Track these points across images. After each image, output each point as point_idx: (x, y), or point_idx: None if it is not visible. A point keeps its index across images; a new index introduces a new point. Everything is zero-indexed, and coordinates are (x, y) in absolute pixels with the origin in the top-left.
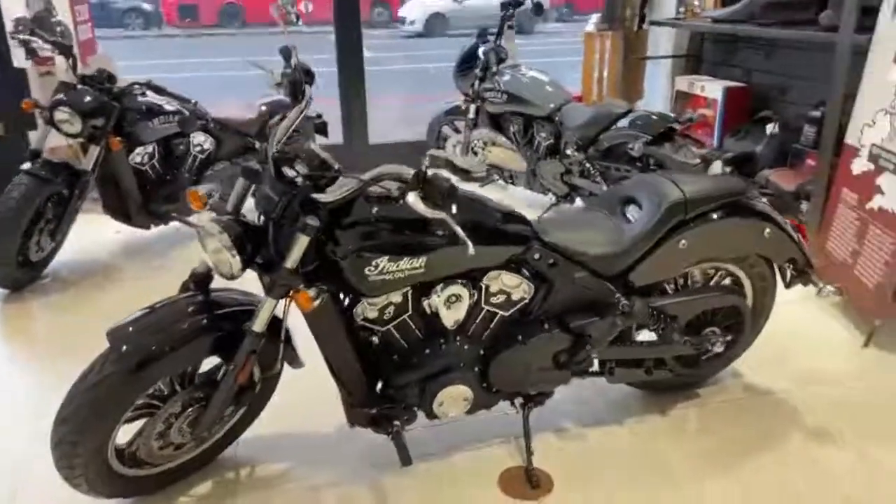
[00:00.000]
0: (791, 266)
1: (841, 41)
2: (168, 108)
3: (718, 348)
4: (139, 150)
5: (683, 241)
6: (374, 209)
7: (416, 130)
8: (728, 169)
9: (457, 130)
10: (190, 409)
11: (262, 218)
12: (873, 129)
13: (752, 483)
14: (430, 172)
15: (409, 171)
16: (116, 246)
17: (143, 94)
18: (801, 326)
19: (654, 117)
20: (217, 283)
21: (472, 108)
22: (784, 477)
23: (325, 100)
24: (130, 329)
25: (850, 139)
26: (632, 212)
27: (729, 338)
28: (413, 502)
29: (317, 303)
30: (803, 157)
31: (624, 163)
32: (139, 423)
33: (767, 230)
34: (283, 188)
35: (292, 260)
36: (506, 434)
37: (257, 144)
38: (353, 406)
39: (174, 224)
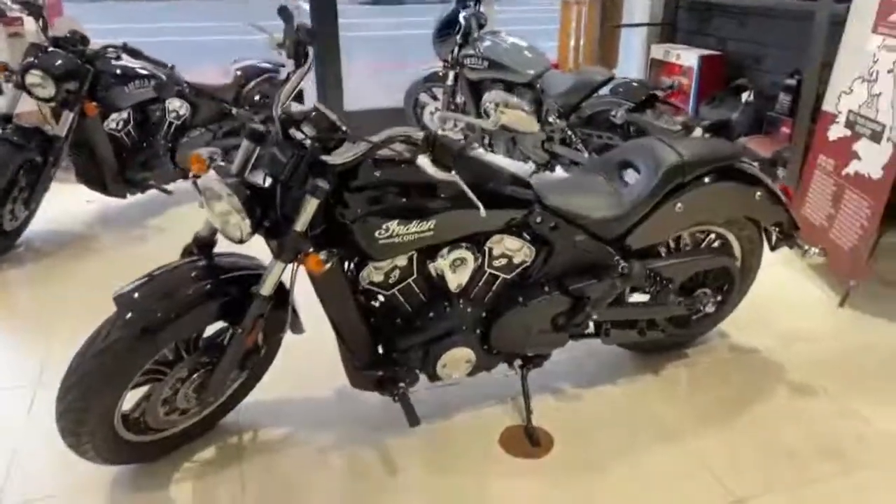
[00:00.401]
0: (777, 229)
1: (820, 10)
2: (143, 72)
3: (710, 308)
4: (114, 115)
5: (680, 205)
6: (384, 171)
7: (393, 97)
8: (707, 136)
9: (434, 97)
10: (196, 374)
11: (267, 181)
12: (850, 97)
13: (744, 436)
14: (439, 134)
15: (418, 133)
16: (90, 216)
17: (118, 58)
18: (779, 289)
19: (636, 85)
20: (220, 246)
21: (451, 74)
22: (774, 430)
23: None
24: (137, 294)
25: (827, 106)
26: (629, 176)
27: (719, 298)
28: (417, 462)
29: (327, 266)
30: (778, 125)
31: (605, 130)
32: (142, 390)
33: (758, 193)
34: (291, 150)
35: (302, 223)
36: (503, 395)
37: (234, 110)
38: (359, 369)
39: (151, 192)
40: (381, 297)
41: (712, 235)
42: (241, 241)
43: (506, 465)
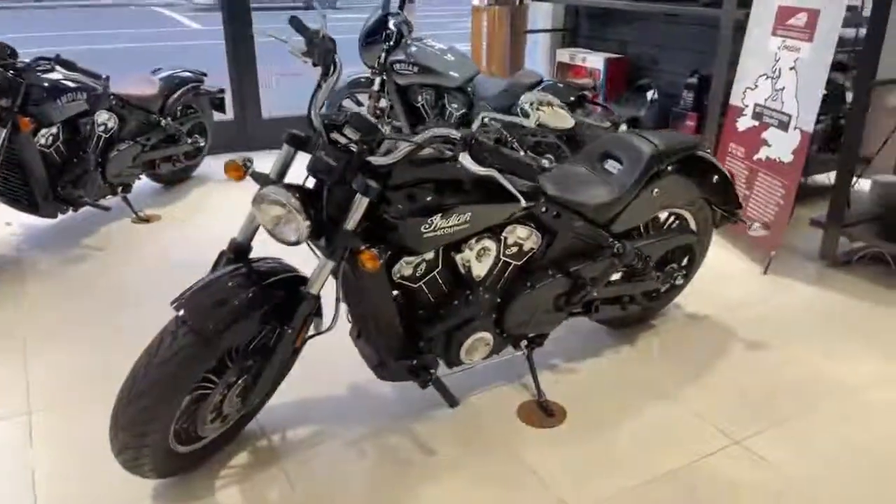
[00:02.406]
0: (723, 208)
1: (724, 15)
2: (75, 84)
3: (679, 281)
4: (43, 131)
5: (656, 190)
6: (427, 169)
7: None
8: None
9: (359, 103)
10: (241, 379)
11: (309, 184)
12: (756, 91)
13: (720, 388)
14: (476, 133)
15: (455, 132)
16: (16, 239)
17: (50, 70)
18: (712, 263)
19: (563, 86)
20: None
21: (378, 80)
22: (742, 380)
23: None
24: (196, 302)
25: (734, 101)
26: (610, 165)
27: (684, 272)
28: (449, 443)
29: (381, 262)
30: (684, 119)
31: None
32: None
33: (715, 177)
34: (338, 154)
35: (353, 222)
36: (509, 376)
37: (163, 121)
38: (395, 360)
39: (84, 210)
40: (408, 290)
41: (673, 216)
42: (296, 243)
43: (529, 436)
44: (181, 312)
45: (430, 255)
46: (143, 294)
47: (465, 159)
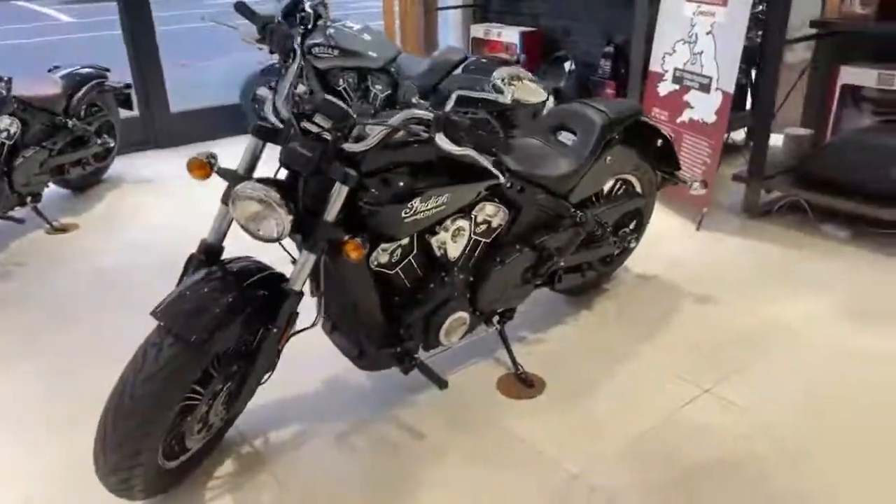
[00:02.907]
0: (665, 170)
1: None
2: None
3: (633, 244)
4: None
5: (609, 157)
6: (403, 152)
7: (218, 94)
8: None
9: (274, 90)
10: (226, 386)
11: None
12: (674, 56)
13: (680, 342)
14: (450, 113)
15: (428, 114)
16: None
17: None
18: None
19: (486, 62)
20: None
21: (295, 65)
22: (697, 333)
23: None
24: (178, 310)
25: (653, 67)
26: (564, 137)
27: (636, 235)
28: (437, 424)
29: (365, 251)
30: (603, 87)
31: (470, 106)
32: None
33: (660, 141)
34: (312, 143)
35: (333, 213)
36: (481, 352)
37: (70, 123)
38: (377, 349)
39: None
40: (385, 277)
41: (621, 181)
42: (276, 240)
43: (514, 409)
44: (163, 322)
45: (405, 241)
46: (79, 309)
47: (442, 140)
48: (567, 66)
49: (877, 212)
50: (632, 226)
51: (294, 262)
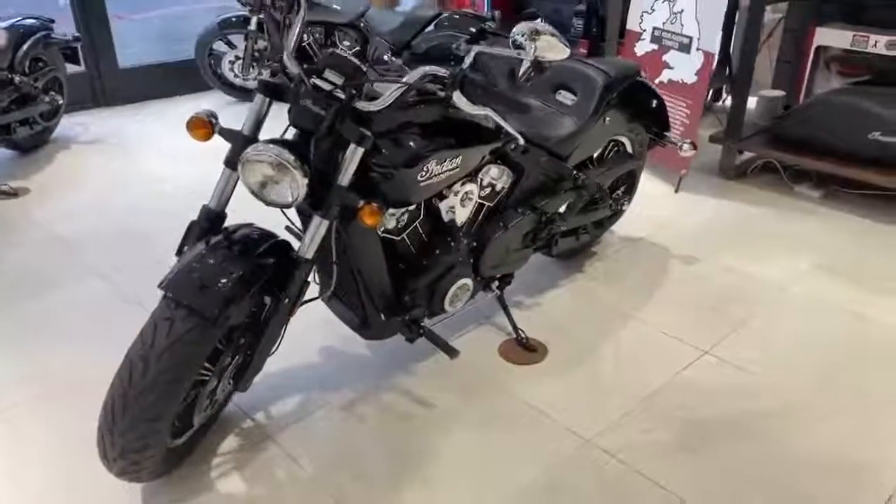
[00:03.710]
0: (656, 131)
1: None
2: None
3: (626, 206)
4: None
5: (608, 118)
6: (418, 112)
7: (173, 49)
8: None
9: (231, 45)
10: (234, 360)
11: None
12: (653, 15)
13: (673, 303)
14: (466, 70)
15: (443, 71)
16: None
17: None
18: None
19: (459, 17)
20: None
21: (255, 19)
22: (688, 293)
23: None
24: (188, 281)
25: (631, 26)
26: (563, 97)
27: (628, 197)
28: (443, 391)
29: (382, 217)
30: (576, 46)
31: (443, 63)
32: None
33: (654, 102)
34: (326, 101)
35: (348, 176)
36: (477, 318)
37: (15, 78)
38: (384, 318)
39: None
40: (391, 244)
41: (612, 143)
42: (289, 205)
43: (518, 374)
44: (174, 295)
45: (412, 206)
46: (44, 277)
47: (459, 98)
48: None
49: (849, 172)
50: (624, 188)
51: (291, 228)
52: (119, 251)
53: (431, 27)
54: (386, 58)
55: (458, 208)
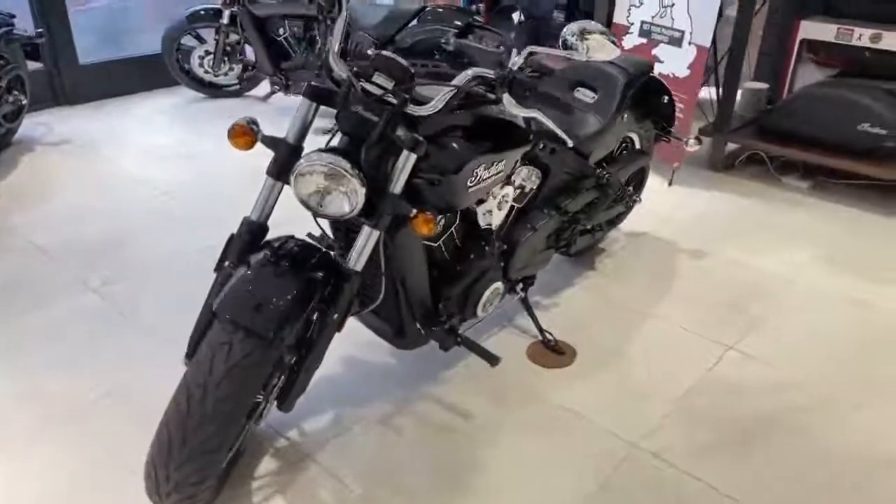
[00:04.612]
0: (664, 127)
1: None
2: None
3: (639, 202)
4: None
5: (626, 115)
6: (467, 116)
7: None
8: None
9: (200, 39)
10: (279, 379)
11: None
12: (640, 9)
13: (689, 298)
14: (516, 72)
15: (491, 72)
16: None
17: None
18: None
19: (442, 11)
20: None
21: (227, 12)
22: (702, 288)
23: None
24: (244, 302)
25: (618, 19)
26: (583, 94)
27: (638, 194)
28: (478, 399)
29: (437, 225)
30: (556, 40)
31: (429, 58)
32: None
33: (665, 97)
34: (378, 106)
35: (400, 184)
36: (499, 322)
37: None
38: (423, 327)
39: None
40: (427, 251)
41: (623, 140)
42: (345, 215)
43: (551, 378)
44: (232, 317)
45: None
46: (33, 291)
47: (509, 101)
48: (516, 16)
49: (838, 163)
50: (634, 184)
51: (321, 238)
52: (107, 261)
53: (415, 21)
54: (370, 52)
55: (496, 212)
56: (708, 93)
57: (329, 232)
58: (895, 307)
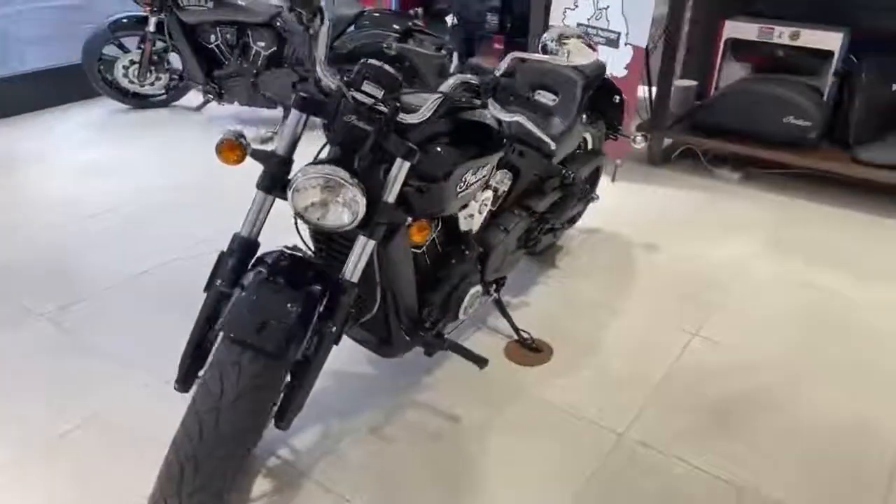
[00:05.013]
0: (613, 126)
1: None
2: None
3: (597, 199)
4: None
5: (584, 115)
6: (455, 122)
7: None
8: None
9: (123, 49)
10: (279, 399)
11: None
12: (576, 11)
13: (649, 292)
14: (499, 78)
15: (475, 78)
16: None
17: None
18: None
19: (378, 15)
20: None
21: (153, 19)
22: (655, 277)
23: None
24: (248, 322)
25: (553, 21)
26: (543, 97)
27: (594, 191)
28: (463, 403)
29: (431, 232)
30: (490, 42)
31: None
32: None
33: (617, 98)
34: (370, 115)
35: (394, 193)
36: (473, 323)
37: None
38: (408, 334)
39: None
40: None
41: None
42: (345, 226)
43: (532, 376)
44: (238, 337)
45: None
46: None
47: (494, 106)
48: (449, 20)
49: (766, 154)
50: (590, 183)
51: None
52: (54, 287)
53: (352, 27)
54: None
55: (476, 216)
56: (641, 91)
57: (309, 243)
58: (839, 288)
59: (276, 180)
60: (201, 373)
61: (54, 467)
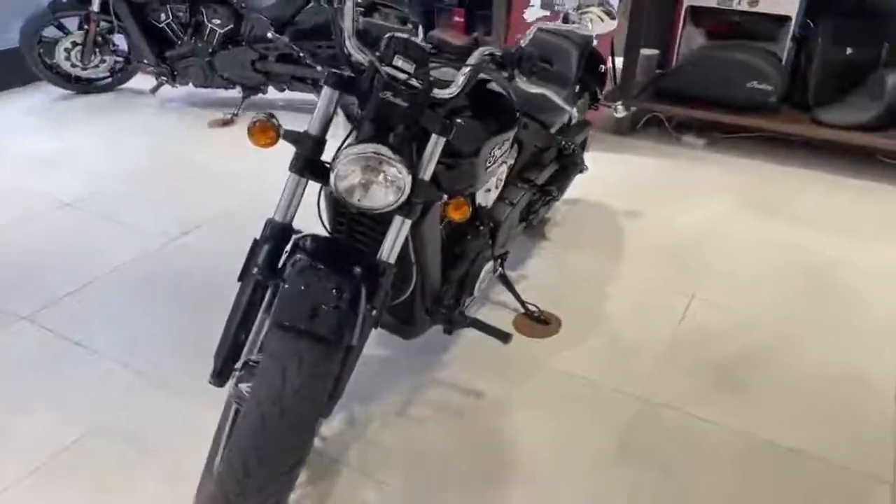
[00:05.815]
0: (596, 95)
1: None
2: None
3: (587, 169)
4: None
5: (577, 85)
6: (482, 95)
7: None
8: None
9: (63, 29)
10: None
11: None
12: None
13: (640, 258)
14: (523, 48)
15: (498, 50)
16: None
17: None
18: None
19: None
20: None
21: None
22: (647, 244)
23: None
24: (302, 311)
25: None
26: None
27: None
28: (482, 379)
29: (468, 209)
30: (450, 15)
31: (332, 39)
32: None
33: (602, 67)
34: (405, 91)
35: (430, 170)
36: (478, 300)
37: None
38: (432, 313)
39: None
40: None
41: None
42: (391, 205)
43: (545, 348)
44: (295, 325)
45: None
46: None
47: (520, 78)
48: None
49: (730, 119)
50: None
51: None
52: (27, 285)
53: (312, 2)
54: (269, 35)
55: (493, 191)
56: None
57: (328, 225)
58: (820, 246)
59: (309, 163)
60: (237, 365)
61: (65, 485)
